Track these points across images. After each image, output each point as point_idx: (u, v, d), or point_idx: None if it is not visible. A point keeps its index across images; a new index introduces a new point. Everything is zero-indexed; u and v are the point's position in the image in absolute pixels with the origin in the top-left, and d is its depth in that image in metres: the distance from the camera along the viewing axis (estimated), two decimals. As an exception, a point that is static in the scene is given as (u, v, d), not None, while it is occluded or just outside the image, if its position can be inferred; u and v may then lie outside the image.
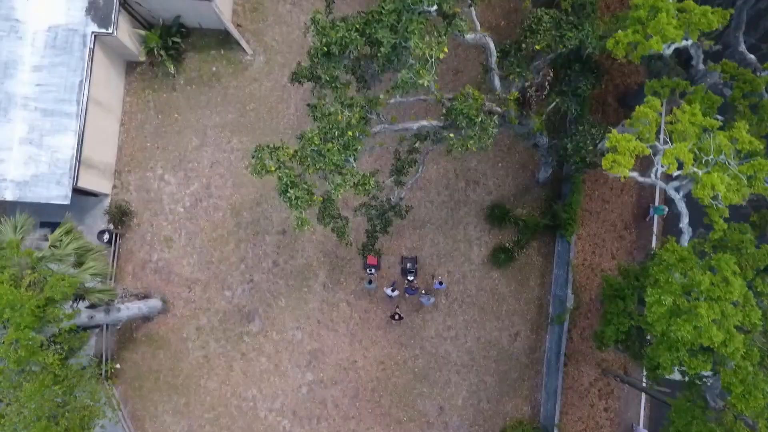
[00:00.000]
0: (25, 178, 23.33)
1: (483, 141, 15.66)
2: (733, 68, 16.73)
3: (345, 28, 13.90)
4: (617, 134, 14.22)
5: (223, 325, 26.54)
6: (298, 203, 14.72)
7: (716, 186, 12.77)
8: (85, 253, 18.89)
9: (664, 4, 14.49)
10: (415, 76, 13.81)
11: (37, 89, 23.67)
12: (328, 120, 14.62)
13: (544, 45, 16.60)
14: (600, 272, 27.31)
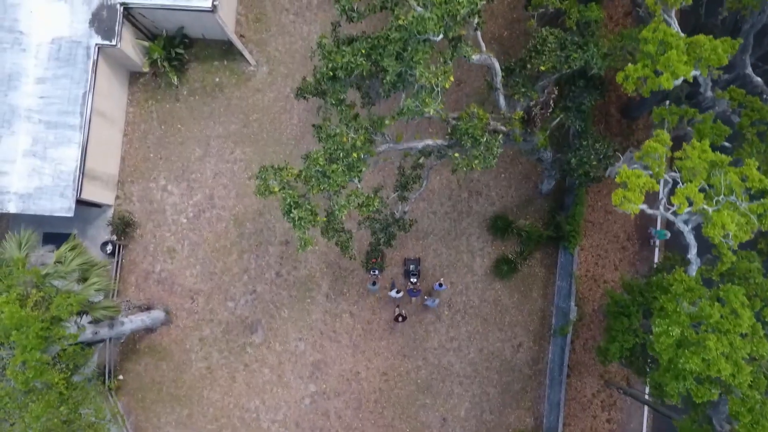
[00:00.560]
0: (29, 191, 23.33)
1: (488, 161, 15.68)
2: (741, 95, 16.74)
3: (351, 53, 13.92)
4: (627, 170, 14.23)
5: (226, 336, 26.54)
6: (302, 223, 14.73)
7: (727, 225, 12.78)
8: (89, 268, 18.91)
9: (674, 39, 14.49)
10: (421, 105, 13.83)
11: (41, 101, 23.67)
12: (333, 141, 14.64)
13: (550, 66, 16.61)
14: (603, 283, 27.35)
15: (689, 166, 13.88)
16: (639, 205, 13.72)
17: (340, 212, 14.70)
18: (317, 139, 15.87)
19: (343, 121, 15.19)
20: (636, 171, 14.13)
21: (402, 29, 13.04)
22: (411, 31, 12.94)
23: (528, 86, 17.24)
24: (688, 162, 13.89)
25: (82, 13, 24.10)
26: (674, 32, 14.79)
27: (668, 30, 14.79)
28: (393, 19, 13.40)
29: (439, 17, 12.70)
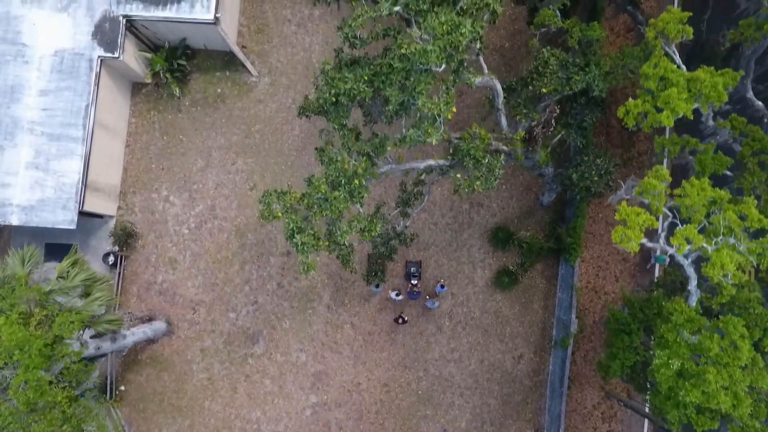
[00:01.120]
0: (31, 203, 23.40)
1: (489, 182, 15.72)
2: (742, 124, 16.77)
3: (353, 79, 13.96)
4: (627, 207, 14.29)
5: (227, 347, 26.60)
6: (305, 248, 14.78)
7: (726, 266, 12.83)
8: (92, 283, 18.96)
9: (674, 75, 14.53)
10: (423, 135, 13.88)
11: (44, 114, 23.74)
12: (335, 168, 14.69)
13: (551, 89, 16.66)
14: (604, 295, 27.40)
15: (688, 204, 13.93)
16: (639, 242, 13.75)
17: (342, 238, 14.75)
18: (319, 161, 15.91)
19: (345, 145, 15.26)
20: (636, 209, 14.17)
21: (404, 59, 13.08)
22: (413, 62, 12.98)
23: (530, 107, 17.30)
24: (687, 200, 13.93)
25: (84, 26, 24.16)
26: (675, 68, 14.83)
27: (669, 66, 14.83)
28: (396, 47, 13.45)
29: (442, 48, 12.75)
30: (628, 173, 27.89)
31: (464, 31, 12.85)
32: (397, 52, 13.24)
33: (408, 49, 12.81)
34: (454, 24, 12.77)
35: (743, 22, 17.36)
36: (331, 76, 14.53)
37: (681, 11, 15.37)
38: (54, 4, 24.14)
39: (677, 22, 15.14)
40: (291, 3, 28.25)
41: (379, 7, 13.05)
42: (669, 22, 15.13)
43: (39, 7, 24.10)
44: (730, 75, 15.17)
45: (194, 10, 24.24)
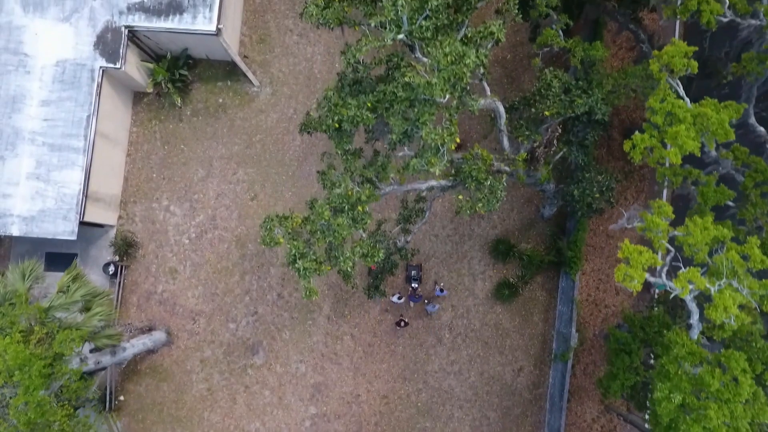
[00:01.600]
0: (32, 213, 23.37)
1: (491, 205, 15.70)
2: (744, 154, 16.72)
3: (357, 106, 13.93)
4: (629, 246, 14.26)
5: (227, 357, 26.57)
6: (307, 273, 14.76)
7: (729, 309, 12.79)
8: (92, 298, 18.94)
9: (681, 111, 14.49)
10: (426, 165, 13.87)
11: (45, 124, 23.71)
12: (338, 194, 14.67)
13: (554, 112, 16.65)
14: (604, 308, 27.38)
15: (691, 243, 13.90)
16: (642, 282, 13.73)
17: (345, 264, 14.74)
18: (322, 185, 15.90)
19: (348, 169, 15.24)
20: (638, 247, 14.14)
21: (408, 88, 13.04)
22: (417, 92, 12.94)
23: (532, 129, 17.28)
24: (690, 239, 13.90)
25: (86, 36, 24.14)
26: (682, 104, 14.80)
27: (675, 102, 14.80)
28: (399, 75, 13.43)
29: (446, 80, 12.71)
30: (629, 185, 27.95)
31: (469, 62, 12.83)
32: (401, 80, 13.21)
33: (412, 77, 12.77)
34: (458, 54, 12.75)
35: (746, 56, 17.36)
36: (334, 103, 14.51)
37: (686, 44, 15.35)
38: (56, 14, 24.12)
39: (682, 55, 15.12)
40: (293, 13, 28.24)
41: (384, 36, 13.02)
42: (674, 56, 15.11)
43: (41, 17, 24.08)
44: (734, 107, 15.13)
45: (196, 21, 24.24)
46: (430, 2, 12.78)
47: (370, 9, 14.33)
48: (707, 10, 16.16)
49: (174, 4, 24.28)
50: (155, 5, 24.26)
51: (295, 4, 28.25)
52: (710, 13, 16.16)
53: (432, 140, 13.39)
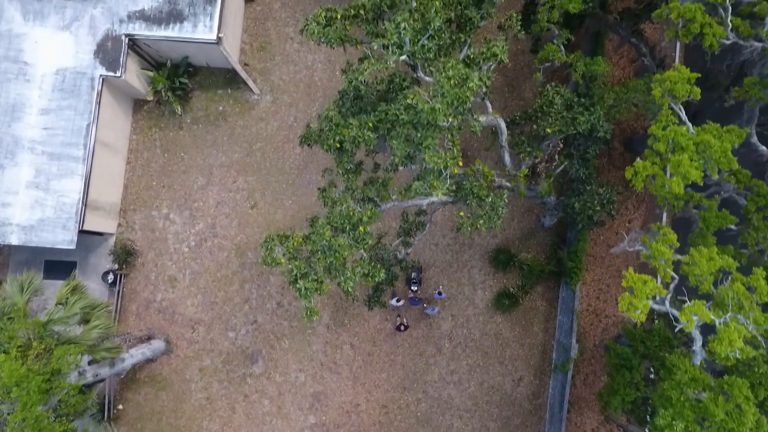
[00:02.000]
0: (31, 223, 23.30)
1: (492, 222, 15.65)
2: (746, 178, 16.61)
3: (358, 126, 13.86)
4: (633, 275, 14.18)
5: (226, 366, 26.50)
6: (308, 293, 14.69)
7: (734, 342, 12.71)
8: (91, 310, 18.87)
9: (684, 139, 14.41)
10: (429, 188, 13.81)
11: (44, 133, 23.65)
12: (339, 215, 14.59)
13: (556, 129, 16.60)
14: (604, 318, 27.31)
15: (696, 273, 13.82)
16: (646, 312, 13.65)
17: (346, 284, 14.68)
18: (322, 203, 15.84)
19: (349, 188, 15.16)
20: (643, 277, 14.06)
21: (411, 110, 12.95)
22: (420, 116, 12.86)
23: (533, 146, 17.22)
24: (696, 269, 13.82)
25: (86, 44, 24.08)
26: (684, 131, 14.72)
27: (677, 129, 14.72)
28: (401, 97, 13.35)
29: (449, 103, 12.64)
30: (630, 195, 27.87)
31: (472, 85, 12.76)
32: (403, 102, 13.14)
33: (414, 99, 12.71)
34: (461, 78, 12.68)
35: (748, 80, 17.27)
36: (335, 123, 14.44)
37: (689, 70, 15.27)
38: (56, 23, 24.06)
39: (685, 81, 15.03)
40: (294, 21, 28.19)
41: (386, 58, 12.96)
42: (677, 82, 15.04)
43: (41, 25, 24.02)
44: (736, 132, 15.04)
45: (197, 29, 24.19)
46: (432, 23, 12.71)
47: (372, 27, 14.26)
48: (710, 33, 16.05)
49: (174, 13, 24.23)
50: (156, 14, 24.20)
51: (296, 12, 28.23)
52: (713, 36, 16.08)
53: (435, 164, 13.33)
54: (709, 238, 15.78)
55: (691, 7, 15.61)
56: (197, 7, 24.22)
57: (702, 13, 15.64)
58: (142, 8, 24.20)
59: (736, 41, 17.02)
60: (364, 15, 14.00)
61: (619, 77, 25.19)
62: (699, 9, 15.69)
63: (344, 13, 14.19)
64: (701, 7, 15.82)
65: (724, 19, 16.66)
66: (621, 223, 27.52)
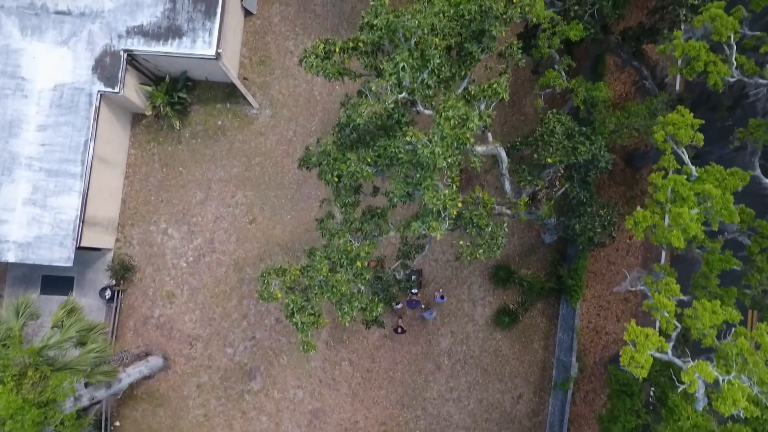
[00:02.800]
0: (28, 240, 23.14)
1: (492, 251, 15.49)
2: (750, 217, 16.38)
3: (356, 161, 13.70)
4: (636, 328, 14.01)
5: (224, 382, 26.35)
6: (305, 327, 14.54)
7: (738, 402, 12.53)
8: (87, 333, 18.70)
9: (684, 189, 14.20)
10: (428, 229, 13.65)
11: (42, 149, 23.49)
12: (337, 250, 14.43)
13: (557, 159, 16.45)
14: (605, 335, 27.15)
15: (699, 327, 13.63)
16: (648, 368, 13.47)
17: (343, 319, 14.53)
18: (320, 234, 15.68)
19: (347, 221, 15.00)
20: (645, 330, 13.89)
21: (410, 150, 12.74)
22: (419, 157, 12.68)
23: (534, 174, 17.07)
24: (698, 323, 13.63)
25: (84, 60, 23.92)
26: (684, 181, 14.52)
27: (679, 179, 14.52)
28: (401, 134, 13.18)
29: (449, 145, 12.48)
30: (630, 211, 27.67)
31: (472, 125, 12.61)
32: (402, 139, 12.96)
33: (413, 137, 12.54)
34: (461, 118, 12.52)
35: (753, 122, 17.08)
36: (333, 157, 14.28)
37: (693, 116, 15.07)
38: (54, 38, 23.90)
39: (688, 127, 14.85)
40: (293, 35, 28.05)
41: (384, 97, 12.79)
42: (680, 127, 14.84)
43: (39, 40, 23.86)
44: (739, 175, 14.85)
45: (196, 45, 24.04)
46: (432, 60, 12.55)
47: (371, 60, 14.10)
48: (714, 72, 15.84)
49: (173, 28, 24.07)
50: (154, 29, 24.05)
51: (296, 26, 28.09)
52: (717, 75, 15.87)
53: (434, 205, 13.18)
54: (712, 280, 15.60)
55: (696, 45, 15.42)
56: (196, 23, 24.07)
57: (706, 51, 15.45)
58: (141, 24, 24.04)
59: (741, 78, 16.82)
60: (363, 47, 13.83)
61: (620, 98, 25.02)
62: (703, 47, 15.49)
63: (343, 45, 14.03)
64: (705, 45, 15.62)
65: (729, 56, 16.50)
66: (622, 239, 27.35)
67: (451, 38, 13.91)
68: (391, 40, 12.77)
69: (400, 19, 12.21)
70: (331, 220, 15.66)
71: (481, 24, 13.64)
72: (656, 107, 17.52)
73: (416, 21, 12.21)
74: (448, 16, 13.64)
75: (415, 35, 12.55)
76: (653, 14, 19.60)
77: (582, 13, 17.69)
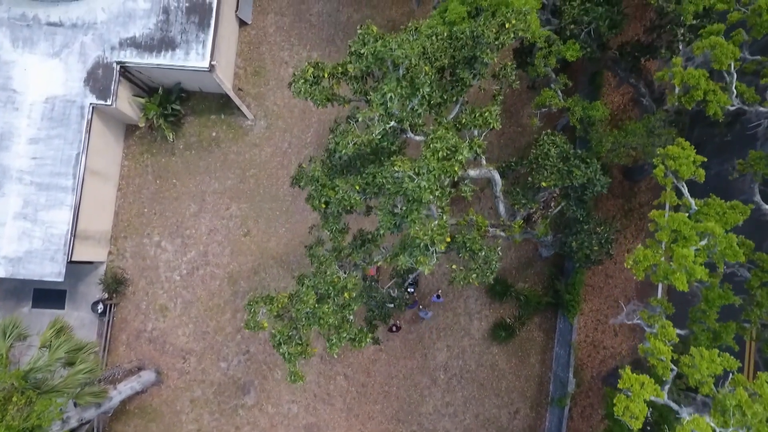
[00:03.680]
0: (19, 255, 22.88)
1: (486, 277, 15.24)
2: (750, 250, 16.01)
3: (344, 188, 13.43)
4: (631, 375, 13.72)
5: (217, 397, 26.07)
6: (292, 358, 14.28)
7: None
8: (76, 353, 18.42)
9: (686, 228, 13.84)
10: (415, 264, 13.39)
11: (33, 162, 23.23)
12: (324, 282, 14.15)
13: (552, 184, 16.17)
14: (602, 349, 26.84)
15: (697, 377, 13.31)
16: (644, 418, 13.18)
17: (332, 350, 14.27)
18: (309, 260, 15.41)
19: (336, 249, 14.73)
20: (641, 378, 13.59)
21: (397, 182, 12.44)
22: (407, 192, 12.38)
23: (528, 197, 16.80)
24: (695, 372, 13.30)
25: (76, 72, 23.67)
26: (686, 219, 14.16)
27: (680, 218, 14.17)
28: (389, 164, 12.91)
29: (437, 177, 12.20)
30: (629, 224, 27.42)
31: (461, 158, 12.33)
32: (390, 170, 12.68)
33: (401, 168, 12.26)
34: (450, 149, 12.24)
35: (753, 154, 16.74)
36: (321, 183, 14.02)
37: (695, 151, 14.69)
38: (46, 50, 23.65)
39: (690, 162, 14.48)
40: (288, 45, 27.79)
41: (371, 129, 12.51)
42: (682, 164, 14.47)
43: (31, 52, 23.61)
44: (740, 209, 14.54)
45: (189, 57, 23.79)
46: (422, 89, 12.28)
47: (360, 86, 13.83)
48: (714, 101, 15.51)
49: (166, 40, 23.82)
50: (147, 41, 23.79)
51: (291, 36, 27.82)
52: (717, 105, 15.54)
53: (421, 239, 12.92)
54: (711, 316, 15.26)
55: (695, 74, 15.10)
56: (189, 34, 23.81)
57: (706, 79, 15.12)
58: (134, 35, 23.79)
59: (741, 107, 16.51)
60: (352, 72, 13.56)
61: (618, 109, 24.72)
62: (703, 75, 15.17)
63: (332, 71, 13.75)
64: (705, 74, 15.30)
65: (729, 84, 16.17)
66: (620, 253, 27.06)
67: (444, 59, 13.64)
68: (379, 69, 12.51)
69: (387, 49, 11.94)
70: (320, 248, 15.41)
71: (472, 50, 13.38)
72: (654, 125, 17.25)
73: (403, 51, 11.94)
74: (441, 39, 13.36)
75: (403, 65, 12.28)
76: (651, 32, 19.35)
77: (578, 32, 17.44)
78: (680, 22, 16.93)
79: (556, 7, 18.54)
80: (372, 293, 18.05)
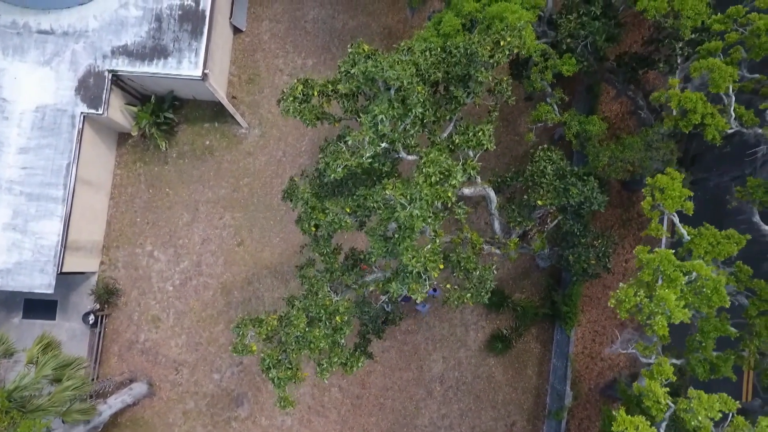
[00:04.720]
0: (8, 266, 22.55)
1: (480, 297, 14.95)
2: (747, 277, 15.71)
3: (335, 211, 13.12)
4: (625, 416, 13.41)
5: (210, 409, 25.75)
6: (282, 383, 13.98)
7: None
8: (64, 369, 18.09)
9: (671, 268, 13.43)
10: (408, 291, 13.09)
11: (23, 172, 22.90)
12: (315, 304, 13.85)
13: (548, 202, 15.89)
14: (600, 360, 26.56)
15: (694, 424, 12.94)
16: None
17: (322, 375, 13.98)
18: (300, 281, 15.11)
19: (328, 270, 14.44)
20: (635, 420, 13.20)
21: (389, 207, 12.10)
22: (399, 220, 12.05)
23: (524, 215, 16.51)
24: (692, 418, 12.93)
25: (67, 80, 23.35)
26: (672, 258, 13.79)
27: (666, 255, 13.82)
28: (380, 188, 12.60)
29: (429, 204, 11.90)
30: (627, 234, 27.14)
31: (455, 182, 12.03)
32: (381, 192, 12.38)
33: (391, 191, 11.96)
34: (443, 173, 11.93)
35: (752, 182, 16.40)
36: (311, 206, 13.72)
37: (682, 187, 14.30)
38: (36, 58, 23.33)
39: (677, 197, 14.10)
40: (283, 53, 27.50)
41: (361, 152, 12.18)
42: (669, 197, 14.12)
43: (21, 60, 23.29)
44: (735, 238, 14.22)
45: (181, 65, 23.49)
46: (414, 109, 11.98)
47: (351, 105, 13.54)
48: (712, 125, 15.18)
49: (159, 48, 23.52)
50: (139, 49, 23.49)
51: (286, 43, 27.53)
52: (715, 129, 15.22)
53: (413, 267, 12.61)
54: (708, 347, 14.92)
55: (692, 97, 14.76)
56: (182, 43, 23.51)
57: (703, 103, 14.80)
58: (126, 43, 23.48)
59: (740, 129, 16.23)
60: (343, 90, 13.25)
61: (615, 122, 24.45)
62: (700, 99, 14.83)
63: (322, 89, 13.43)
64: (702, 97, 14.96)
65: (727, 107, 15.85)
66: (618, 263, 26.78)
67: (437, 74, 13.35)
68: (370, 89, 12.22)
69: (378, 69, 11.64)
70: (311, 269, 15.11)
71: (466, 68, 13.09)
72: (652, 138, 16.99)
73: (395, 72, 11.63)
74: (435, 54, 13.08)
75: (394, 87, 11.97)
76: (649, 45, 19.09)
77: (575, 46, 17.17)
78: (678, 36, 16.66)
79: (553, 19, 18.28)
80: (365, 308, 17.73)
